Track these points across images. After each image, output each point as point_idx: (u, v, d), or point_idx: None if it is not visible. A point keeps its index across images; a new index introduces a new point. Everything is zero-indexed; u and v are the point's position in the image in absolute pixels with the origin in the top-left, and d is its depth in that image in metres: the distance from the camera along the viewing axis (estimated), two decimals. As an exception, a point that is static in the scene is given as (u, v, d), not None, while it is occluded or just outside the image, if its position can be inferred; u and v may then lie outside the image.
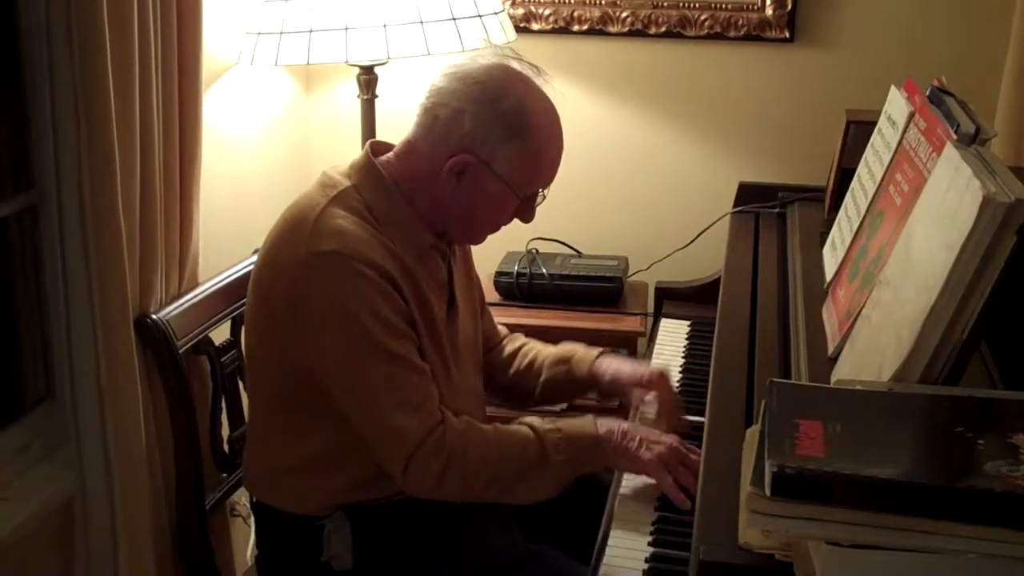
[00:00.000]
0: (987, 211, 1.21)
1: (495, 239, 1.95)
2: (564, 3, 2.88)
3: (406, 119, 1.82)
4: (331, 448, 1.78)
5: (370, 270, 1.68)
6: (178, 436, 1.98)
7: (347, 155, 1.89)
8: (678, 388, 2.09)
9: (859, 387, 1.29)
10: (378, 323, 1.68)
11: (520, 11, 2.88)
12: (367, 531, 1.81)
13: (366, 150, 1.83)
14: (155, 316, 1.91)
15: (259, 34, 2.34)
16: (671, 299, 2.54)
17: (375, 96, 2.56)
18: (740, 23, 2.81)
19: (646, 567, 1.57)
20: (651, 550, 1.60)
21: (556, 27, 2.89)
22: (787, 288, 1.98)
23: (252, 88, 2.64)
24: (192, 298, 2.02)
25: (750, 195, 2.51)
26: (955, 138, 1.53)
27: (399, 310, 1.72)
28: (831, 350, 1.59)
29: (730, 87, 2.89)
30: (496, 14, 2.48)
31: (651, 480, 1.76)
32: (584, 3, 2.87)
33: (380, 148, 1.85)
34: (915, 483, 1.05)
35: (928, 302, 1.26)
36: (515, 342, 2.15)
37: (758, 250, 2.26)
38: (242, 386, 2.15)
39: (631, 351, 2.73)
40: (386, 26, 2.30)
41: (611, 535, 1.66)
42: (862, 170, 1.97)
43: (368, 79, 2.54)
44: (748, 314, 1.96)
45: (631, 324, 2.73)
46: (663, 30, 2.85)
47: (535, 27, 2.90)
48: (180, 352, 1.95)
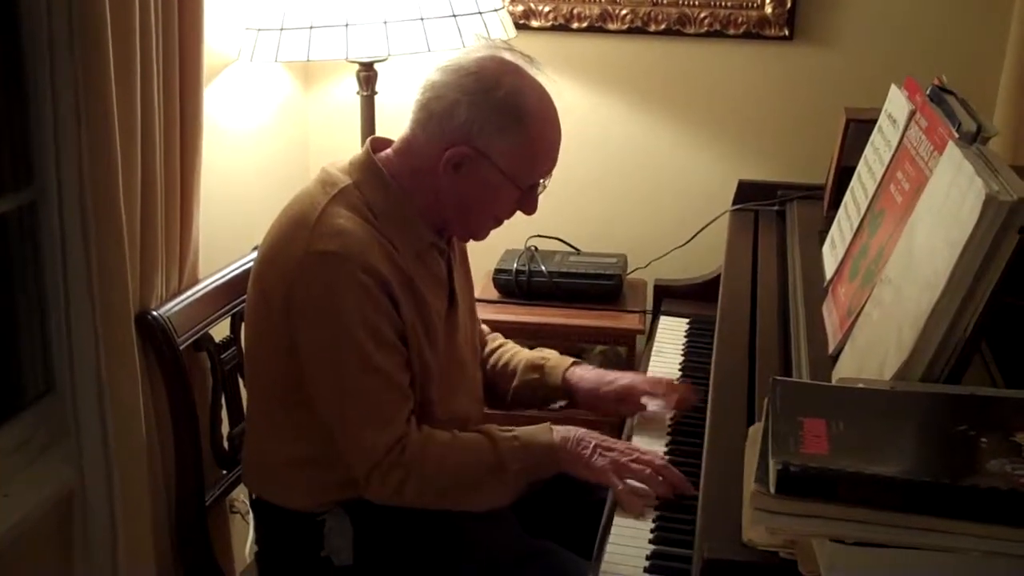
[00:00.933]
0: (990, 210, 1.22)
1: (494, 236, 1.94)
2: (564, 0, 2.87)
3: (406, 116, 1.82)
4: (330, 444, 1.78)
5: (367, 276, 1.68)
6: (178, 432, 1.98)
7: (346, 152, 1.89)
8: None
9: (862, 385, 1.29)
10: (367, 333, 1.69)
11: (520, 8, 2.88)
12: (367, 526, 1.81)
13: (366, 147, 1.83)
14: (155, 312, 1.91)
15: (259, 30, 2.34)
16: (670, 297, 2.54)
17: (375, 93, 2.56)
18: (740, 21, 2.81)
19: (647, 564, 1.57)
20: (652, 547, 1.60)
21: (556, 24, 2.89)
22: (787, 286, 1.98)
23: (251, 84, 2.64)
24: (192, 294, 2.02)
25: (749, 193, 2.52)
26: (957, 137, 1.53)
27: (391, 320, 1.72)
28: (832, 348, 1.59)
29: (729, 85, 2.89)
30: (496, 11, 2.48)
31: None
32: (584, 1, 2.87)
33: (380, 144, 1.85)
34: (919, 481, 1.05)
35: (930, 301, 1.27)
36: (494, 342, 2.15)
37: (757, 248, 2.26)
38: (242, 383, 2.15)
39: (630, 349, 2.74)
40: (386, 23, 2.30)
41: (612, 532, 1.66)
42: (862, 168, 1.97)
43: (368, 75, 2.53)
44: (748, 312, 1.96)
45: (630, 322, 2.73)
46: (663, 28, 2.85)
47: (535, 24, 2.90)
48: (180, 348, 1.94)
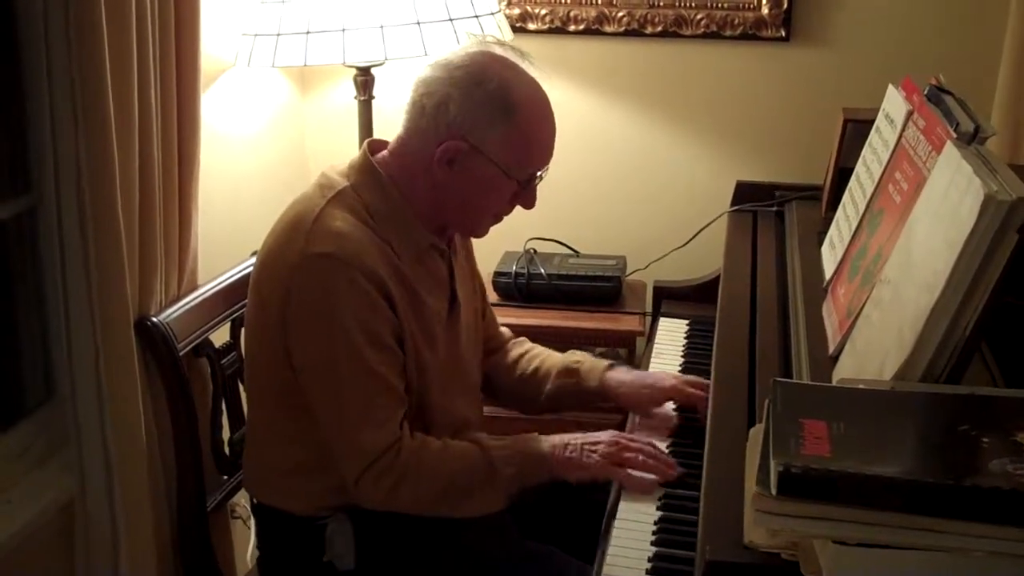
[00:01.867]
0: (988, 210, 1.22)
1: (493, 238, 1.95)
2: (560, 3, 2.88)
3: (402, 119, 1.82)
4: (328, 449, 1.78)
5: (364, 278, 1.68)
6: (178, 438, 1.98)
7: (344, 156, 1.89)
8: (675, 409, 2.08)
9: (862, 386, 1.29)
10: (364, 335, 1.69)
11: (516, 11, 2.89)
12: (369, 531, 1.81)
13: (364, 149, 1.83)
14: (155, 318, 1.91)
15: (256, 35, 2.34)
16: (669, 298, 2.54)
17: (372, 97, 2.56)
18: (736, 22, 2.81)
19: (649, 567, 1.57)
20: (654, 550, 1.60)
21: (552, 27, 2.89)
22: (786, 287, 1.98)
23: (249, 89, 2.64)
24: (192, 300, 2.02)
25: (747, 194, 2.52)
26: (955, 136, 1.53)
27: (388, 322, 1.72)
28: (832, 349, 1.59)
29: (727, 86, 2.89)
30: (493, 14, 2.48)
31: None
32: (580, 3, 2.87)
33: (378, 146, 1.85)
34: (921, 482, 1.05)
35: (930, 301, 1.27)
36: (520, 347, 2.14)
37: (756, 249, 2.26)
38: (242, 388, 2.15)
39: (630, 350, 2.74)
40: (383, 27, 2.30)
41: (613, 534, 1.66)
42: (860, 169, 1.97)
43: (365, 80, 2.53)
44: (748, 313, 1.96)
45: (629, 323, 2.73)
46: (659, 30, 2.85)
47: (531, 27, 2.90)
48: (180, 354, 1.94)
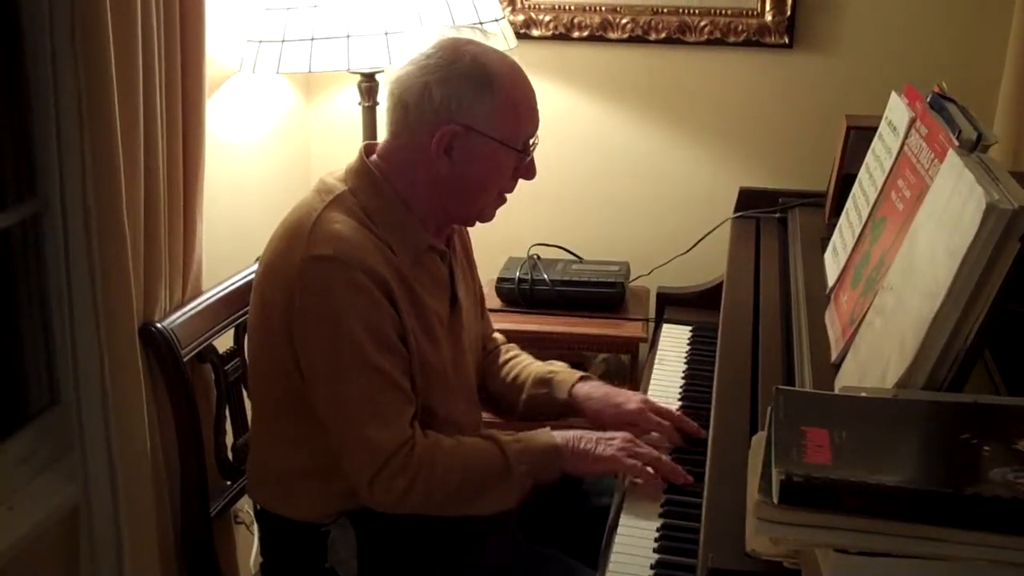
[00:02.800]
0: (991, 218, 1.22)
1: (497, 244, 1.95)
2: (564, 10, 2.88)
3: (385, 118, 1.82)
4: (334, 454, 1.78)
5: (366, 278, 1.69)
6: (182, 444, 1.98)
7: (348, 162, 1.89)
8: (680, 394, 2.09)
9: (864, 394, 1.30)
10: (368, 335, 1.69)
11: (520, 18, 2.89)
12: (371, 537, 1.81)
13: (359, 153, 1.83)
14: (159, 325, 1.92)
15: (261, 42, 2.35)
16: (672, 304, 2.54)
17: (376, 103, 2.56)
18: (740, 29, 2.82)
19: (652, 573, 1.57)
20: (656, 556, 1.60)
21: (556, 33, 2.90)
22: (789, 294, 1.98)
23: (253, 96, 2.65)
24: (196, 306, 2.03)
25: (751, 200, 2.52)
26: (957, 144, 1.53)
27: (391, 321, 1.72)
28: (834, 356, 1.60)
29: (730, 93, 2.89)
30: (497, 21, 2.48)
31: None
32: (584, 10, 2.87)
33: (373, 149, 1.85)
34: (923, 490, 1.05)
35: (932, 308, 1.27)
36: (508, 352, 2.14)
37: (759, 256, 2.26)
38: (246, 394, 2.15)
39: (633, 357, 2.74)
40: (387, 34, 2.31)
41: (616, 539, 1.66)
42: (863, 176, 1.97)
43: (369, 86, 2.54)
44: (751, 320, 1.96)
45: (633, 329, 2.73)
46: (663, 36, 2.86)
47: (535, 33, 2.90)
48: (184, 360, 1.95)
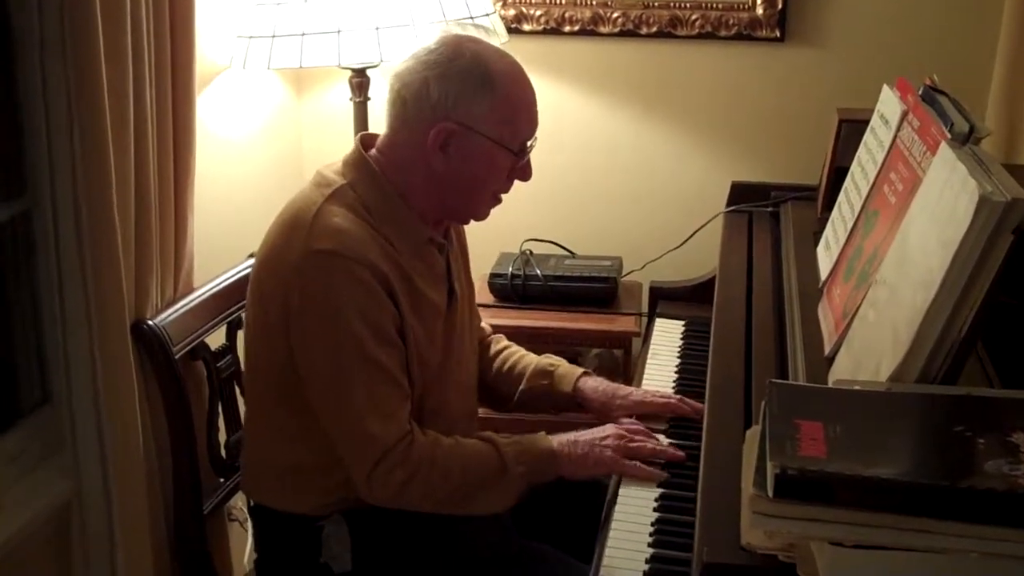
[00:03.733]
0: (983, 211, 1.22)
1: (489, 239, 1.95)
2: (555, 4, 2.88)
3: (385, 111, 1.81)
4: (329, 448, 1.77)
5: (366, 272, 1.68)
6: (175, 441, 1.98)
7: (339, 158, 1.89)
8: (673, 389, 2.09)
9: (858, 387, 1.30)
10: (368, 328, 1.69)
11: (511, 12, 2.89)
12: (365, 532, 1.81)
13: (356, 145, 1.83)
14: (151, 322, 1.91)
15: (251, 38, 2.34)
16: (665, 299, 2.54)
17: (367, 99, 2.56)
18: (731, 23, 2.81)
19: (646, 568, 1.57)
20: (651, 551, 1.60)
21: (547, 28, 2.90)
22: (782, 287, 1.98)
23: (244, 91, 2.64)
24: (188, 303, 2.02)
25: (743, 194, 2.52)
26: (949, 137, 1.53)
27: (390, 316, 1.72)
28: (828, 350, 1.60)
29: (722, 86, 2.89)
30: (488, 15, 2.48)
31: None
32: (575, 4, 2.87)
33: (370, 141, 1.84)
34: (917, 483, 1.06)
35: (925, 301, 1.27)
36: (498, 343, 2.15)
37: (752, 249, 2.26)
38: (238, 391, 2.15)
39: (626, 351, 2.74)
40: (378, 29, 2.30)
41: (611, 535, 1.66)
42: (855, 169, 1.97)
43: (360, 82, 2.53)
44: (744, 314, 1.97)
45: (625, 324, 2.73)
46: (654, 30, 2.85)
47: (526, 28, 2.90)
48: (176, 357, 1.94)
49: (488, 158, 1.77)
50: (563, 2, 2.87)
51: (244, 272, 2.16)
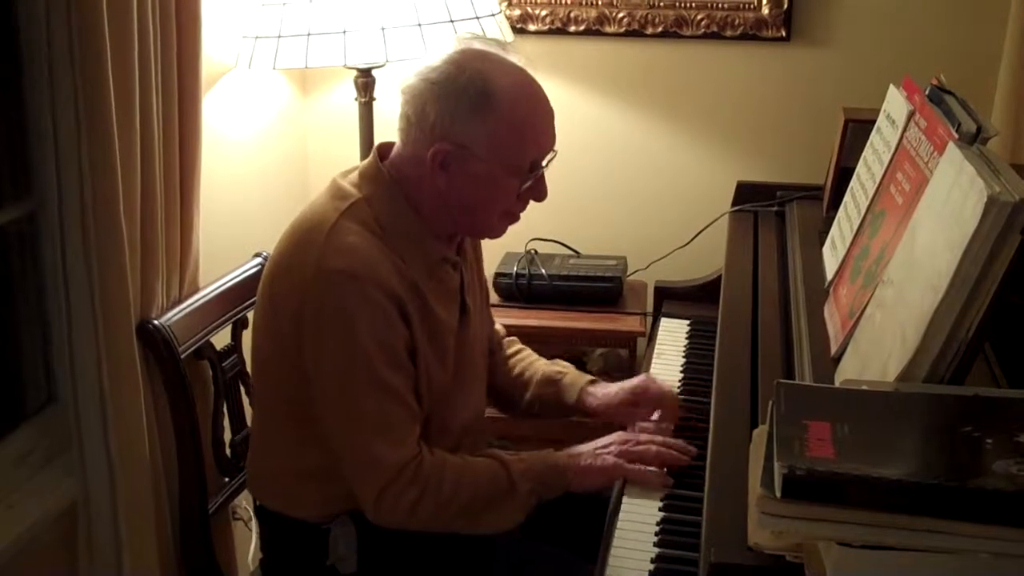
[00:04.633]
0: (992, 211, 1.22)
1: (494, 240, 1.94)
2: (561, 4, 2.88)
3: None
4: (337, 456, 1.77)
5: (379, 293, 1.67)
6: (180, 441, 1.98)
7: (345, 158, 1.89)
8: (679, 389, 2.09)
9: (865, 387, 1.29)
10: (379, 351, 1.68)
11: (517, 12, 2.89)
12: (371, 534, 1.80)
13: (374, 156, 1.80)
14: (157, 321, 1.91)
15: (257, 38, 2.34)
16: (670, 298, 2.54)
17: (373, 99, 2.56)
18: (736, 22, 2.81)
19: (652, 568, 1.57)
20: (657, 551, 1.60)
21: (553, 28, 2.89)
22: (788, 288, 1.98)
23: (250, 92, 2.64)
24: (193, 303, 2.02)
25: (748, 194, 2.52)
26: (956, 137, 1.53)
27: (402, 337, 1.71)
28: (834, 350, 1.59)
29: (727, 86, 2.89)
30: (493, 15, 2.48)
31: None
32: (581, 4, 2.87)
33: (387, 151, 1.82)
34: (926, 483, 1.05)
35: (933, 302, 1.27)
36: (512, 346, 2.14)
37: (757, 249, 2.26)
38: (244, 390, 2.15)
39: (631, 351, 2.74)
40: (384, 29, 2.30)
41: (616, 535, 1.66)
42: (861, 169, 1.97)
43: (366, 82, 2.53)
44: (750, 314, 1.96)
45: (630, 324, 2.73)
46: (660, 30, 2.85)
47: (532, 28, 2.90)
48: (182, 357, 1.94)
49: (489, 180, 1.73)
50: (568, 2, 2.87)
51: (250, 272, 2.17)
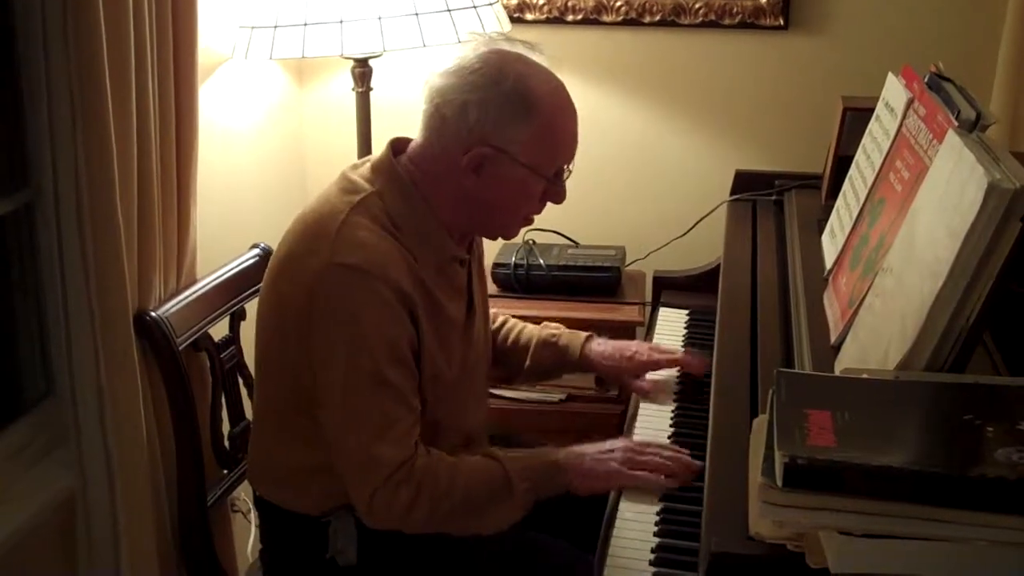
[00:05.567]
0: (992, 198, 1.22)
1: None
2: (558, -7, 2.87)
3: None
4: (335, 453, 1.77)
5: (388, 290, 1.66)
6: (178, 433, 1.98)
7: (342, 148, 1.88)
8: (678, 378, 2.09)
9: (866, 376, 1.29)
10: (384, 348, 1.67)
11: (514, 1, 2.87)
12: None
13: (387, 151, 1.79)
14: (154, 313, 1.91)
15: (253, 28, 2.33)
16: (669, 288, 2.53)
17: (370, 88, 2.55)
18: (735, 11, 2.80)
19: (652, 557, 1.56)
20: (657, 540, 1.60)
21: (550, 17, 2.88)
22: (787, 276, 1.98)
23: (246, 82, 2.63)
24: (191, 294, 2.02)
25: (747, 183, 2.51)
26: (956, 124, 1.52)
27: (408, 336, 1.70)
28: (834, 339, 1.59)
29: (725, 75, 2.88)
30: (491, 4, 2.47)
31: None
32: (578, -8, 2.86)
33: (400, 146, 1.80)
34: (927, 472, 1.05)
35: (933, 289, 1.27)
36: (497, 319, 2.15)
37: (756, 238, 2.26)
38: (242, 382, 2.15)
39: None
40: (381, 18, 2.29)
41: (616, 525, 1.66)
42: (860, 157, 1.97)
43: (363, 72, 2.52)
44: (749, 303, 1.96)
45: (629, 314, 2.72)
46: (658, 19, 2.84)
47: (529, 17, 2.88)
48: (179, 349, 1.94)
49: (521, 184, 1.74)
50: (565, -9, 2.86)
51: (247, 263, 2.16)
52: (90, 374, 1.83)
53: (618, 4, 2.84)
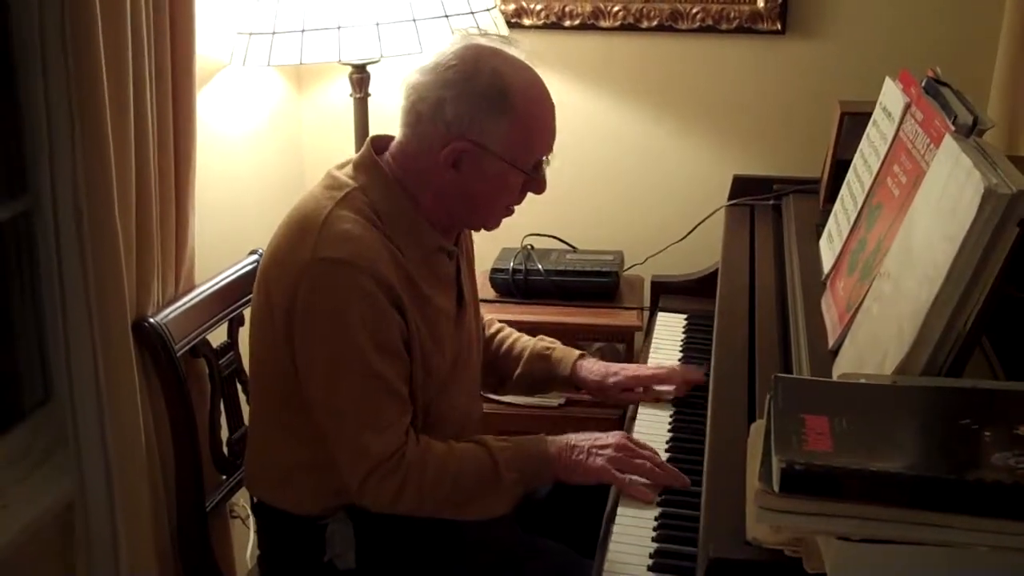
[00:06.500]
0: (989, 203, 1.22)
1: (490, 235, 1.94)
2: (555, -2, 2.87)
3: (398, 118, 1.80)
4: (330, 444, 1.77)
5: (374, 283, 1.67)
6: (177, 439, 1.98)
7: (341, 154, 1.88)
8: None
9: (863, 380, 1.29)
10: (371, 340, 1.68)
11: (511, 7, 2.88)
12: (369, 530, 1.81)
13: (367, 148, 1.81)
14: (152, 319, 1.91)
15: (251, 34, 2.33)
16: (667, 293, 2.54)
17: (368, 95, 2.55)
18: (732, 16, 2.81)
19: (651, 563, 1.57)
20: (655, 545, 1.60)
21: (548, 22, 2.89)
22: (784, 281, 1.98)
23: (244, 88, 2.64)
24: (189, 301, 2.02)
25: (744, 188, 2.51)
26: (953, 129, 1.53)
27: (395, 327, 1.71)
28: (832, 343, 1.59)
29: (723, 80, 2.88)
30: (488, 10, 2.47)
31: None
32: (575, -2, 2.86)
33: (382, 144, 1.82)
34: (924, 477, 1.05)
35: (930, 294, 1.27)
36: (492, 326, 2.17)
37: (754, 243, 2.26)
38: (240, 388, 2.15)
39: (628, 345, 2.73)
40: (378, 24, 2.30)
41: (615, 530, 1.66)
42: (858, 162, 1.97)
43: (361, 78, 2.53)
44: (746, 308, 1.96)
45: (627, 318, 2.73)
46: (655, 24, 2.84)
47: (527, 22, 2.89)
48: (178, 355, 1.94)
49: (500, 177, 1.76)
50: (563, -4, 2.87)
51: (245, 269, 2.16)
52: (89, 380, 1.83)
53: (615, 9, 2.85)
